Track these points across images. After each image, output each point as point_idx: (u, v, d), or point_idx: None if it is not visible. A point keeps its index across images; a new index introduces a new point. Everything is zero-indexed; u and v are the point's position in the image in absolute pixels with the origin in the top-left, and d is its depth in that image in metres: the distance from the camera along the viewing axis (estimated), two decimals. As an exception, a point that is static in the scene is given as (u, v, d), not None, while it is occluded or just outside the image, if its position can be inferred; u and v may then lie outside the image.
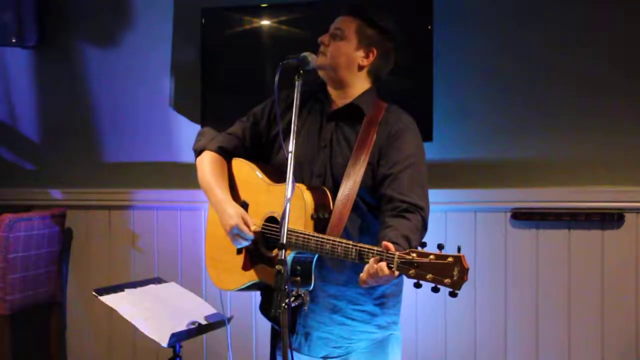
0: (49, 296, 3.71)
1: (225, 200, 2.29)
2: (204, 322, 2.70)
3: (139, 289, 2.83)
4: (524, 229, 3.23)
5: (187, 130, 3.62)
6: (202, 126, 3.46)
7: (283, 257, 1.85)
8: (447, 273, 1.77)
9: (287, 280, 1.82)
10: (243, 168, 2.39)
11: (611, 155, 3.16)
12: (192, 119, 3.62)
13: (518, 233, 3.24)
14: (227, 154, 2.41)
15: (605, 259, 3.15)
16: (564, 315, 3.19)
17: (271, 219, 2.23)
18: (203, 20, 3.45)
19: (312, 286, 2.15)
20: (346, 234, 2.12)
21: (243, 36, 3.43)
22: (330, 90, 2.34)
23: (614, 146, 3.16)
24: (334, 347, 2.26)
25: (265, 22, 3.40)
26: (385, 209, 2.13)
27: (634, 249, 3.12)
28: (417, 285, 1.83)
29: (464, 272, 1.76)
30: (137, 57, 3.76)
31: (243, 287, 2.31)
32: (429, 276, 1.79)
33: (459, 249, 1.79)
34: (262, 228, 2.24)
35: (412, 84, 3.21)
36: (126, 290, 2.78)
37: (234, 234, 2.22)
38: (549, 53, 3.22)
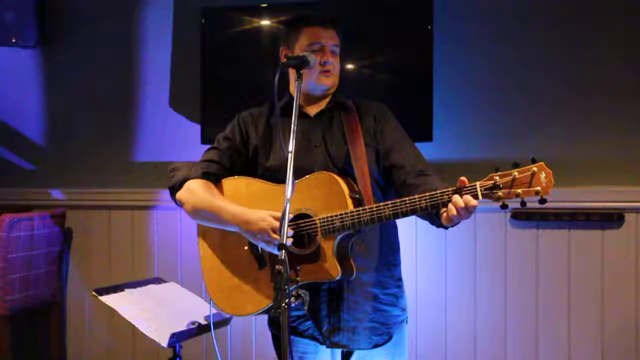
0: (49, 296, 3.71)
1: (243, 211, 2.20)
2: (204, 322, 2.70)
3: (139, 289, 2.83)
4: (524, 229, 3.23)
5: (187, 130, 3.62)
6: (203, 126, 3.46)
7: (283, 257, 1.84)
8: (537, 181, 1.86)
9: (287, 280, 1.81)
10: (239, 183, 2.34)
11: (611, 155, 3.16)
12: (192, 118, 3.62)
13: (518, 233, 3.24)
14: (214, 178, 2.34)
15: (605, 259, 3.15)
16: (564, 315, 3.19)
17: (299, 217, 2.17)
18: (203, 20, 3.45)
19: (354, 274, 2.16)
20: None
21: (243, 36, 3.43)
22: (303, 101, 2.35)
23: (614, 146, 3.16)
24: (379, 335, 2.29)
25: (265, 22, 3.40)
26: (399, 175, 2.19)
27: (634, 249, 3.12)
28: (504, 206, 1.90)
29: (550, 175, 1.86)
30: (137, 57, 3.76)
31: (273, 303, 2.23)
32: (520, 191, 1.87)
33: (534, 160, 1.87)
34: (295, 225, 2.17)
35: (412, 84, 3.22)
36: (126, 290, 2.78)
37: (274, 231, 2.11)
38: (549, 53, 3.22)
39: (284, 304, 1.80)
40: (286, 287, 1.81)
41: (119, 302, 2.68)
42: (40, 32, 3.79)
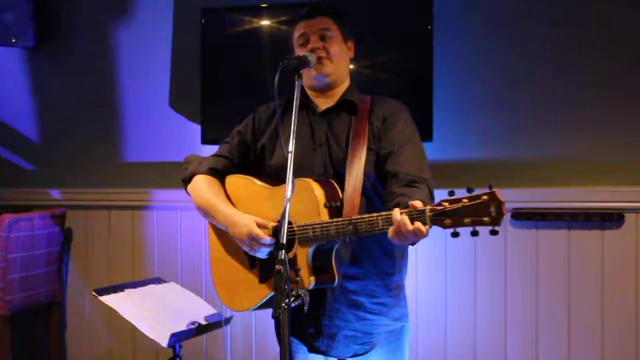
0: (49, 296, 3.71)
1: (233, 213, 2.25)
2: (204, 322, 2.70)
3: (139, 289, 2.84)
4: (524, 229, 3.23)
5: (187, 130, 3.62)
6: (203, 126, 3.47)
7: (283, 257, 1.85)
8: (485, 211, 1.76)
9: (287, 280, 1.82)
10: (239, 182, 2.35)
11: (611, 155, 3.16)
12: (192, 119, 3.62)
13: (518, 233, 3.24)
14: (219, 174, 2.38)
15: (605, 259, 3.15)
16: (564, 315, 3.19)
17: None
18: (203, 20, 3.45)
19: (336, 282, 2.13)
20: None
21: (243, 36, 3.43)
22: (313, 95, 2.34)
23: (614, 146, 3.16)
24: (360, 344, 2.26)
25: (265, 22, 3.40)
26: (390, 183, 2.15)
27: (634, 249, 3.12)
28: (455, 235, 1.82)
29: (501, 206, 1.77)
30: (137, 57, 3.76)
31: (263, 301, 2.23)
32: (466, 220, 1.77)
33: (490, 187, 1.79)
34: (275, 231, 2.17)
35: (412, 84, 3.22)
36: (126, 290, 2.78)
37: (252, 238, 2.16)
38: (550, 53, 3.21)
39: (284, 304, 1.80)
40: (286, 287, 1.81)
41: (119, 302, 2.68)
42: (40, 32, 3.79)
